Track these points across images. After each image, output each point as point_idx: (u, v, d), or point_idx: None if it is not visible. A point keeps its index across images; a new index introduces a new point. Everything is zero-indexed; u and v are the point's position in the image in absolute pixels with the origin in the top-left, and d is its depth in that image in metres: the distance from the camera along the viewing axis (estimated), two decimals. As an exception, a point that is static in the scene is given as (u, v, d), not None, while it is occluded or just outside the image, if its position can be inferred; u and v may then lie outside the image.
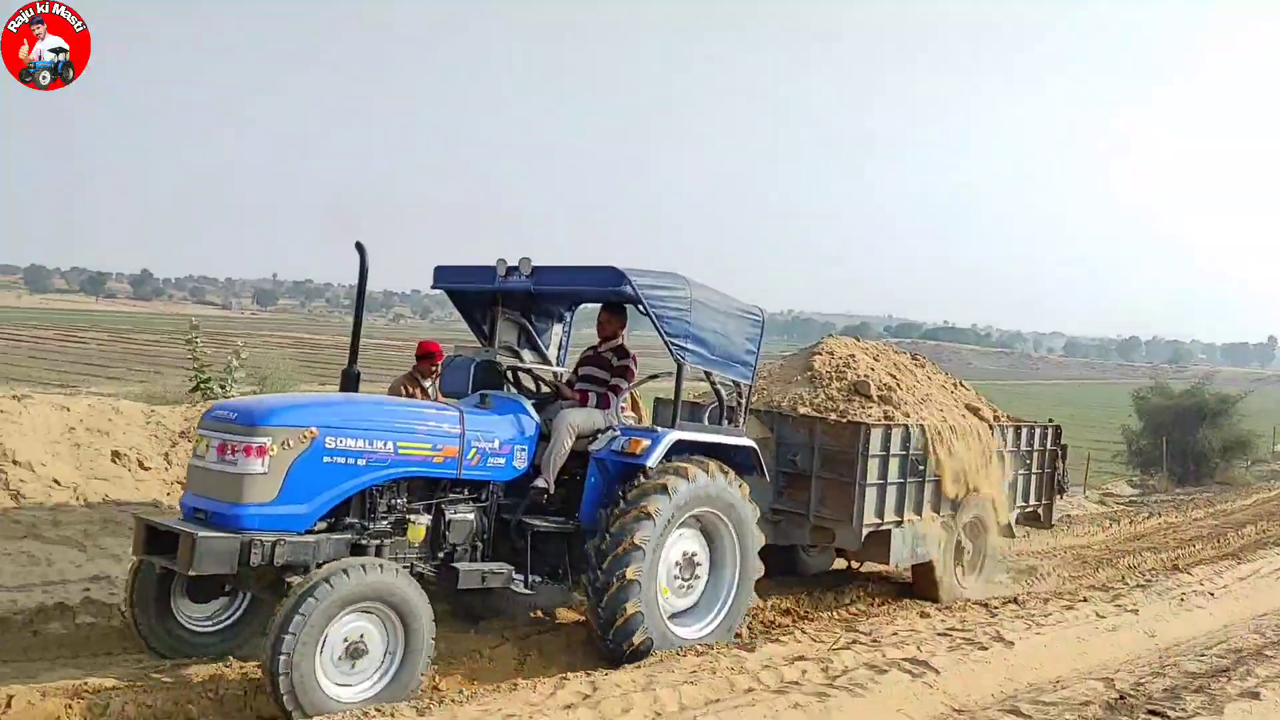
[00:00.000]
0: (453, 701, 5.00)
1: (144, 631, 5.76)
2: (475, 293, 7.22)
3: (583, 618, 6.76)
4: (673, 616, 6.53)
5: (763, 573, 6.98)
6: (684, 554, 6.57)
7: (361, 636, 5.05)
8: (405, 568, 5.59)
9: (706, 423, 7.14)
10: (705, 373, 6.98)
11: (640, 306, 6.44)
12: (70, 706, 4.88)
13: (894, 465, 8.27)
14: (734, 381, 7.17)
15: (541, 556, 6.38)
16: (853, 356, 9.30)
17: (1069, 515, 17.31)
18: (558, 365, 7.49)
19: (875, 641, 6.42)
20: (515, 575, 6.19)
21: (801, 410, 8.52)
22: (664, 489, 6.22)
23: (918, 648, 6.28)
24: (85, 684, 5.14)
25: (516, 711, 4.78)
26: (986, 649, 6.37)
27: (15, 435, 7.95)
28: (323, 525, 5.52)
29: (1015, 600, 8.18)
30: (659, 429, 6.65)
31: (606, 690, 5.14)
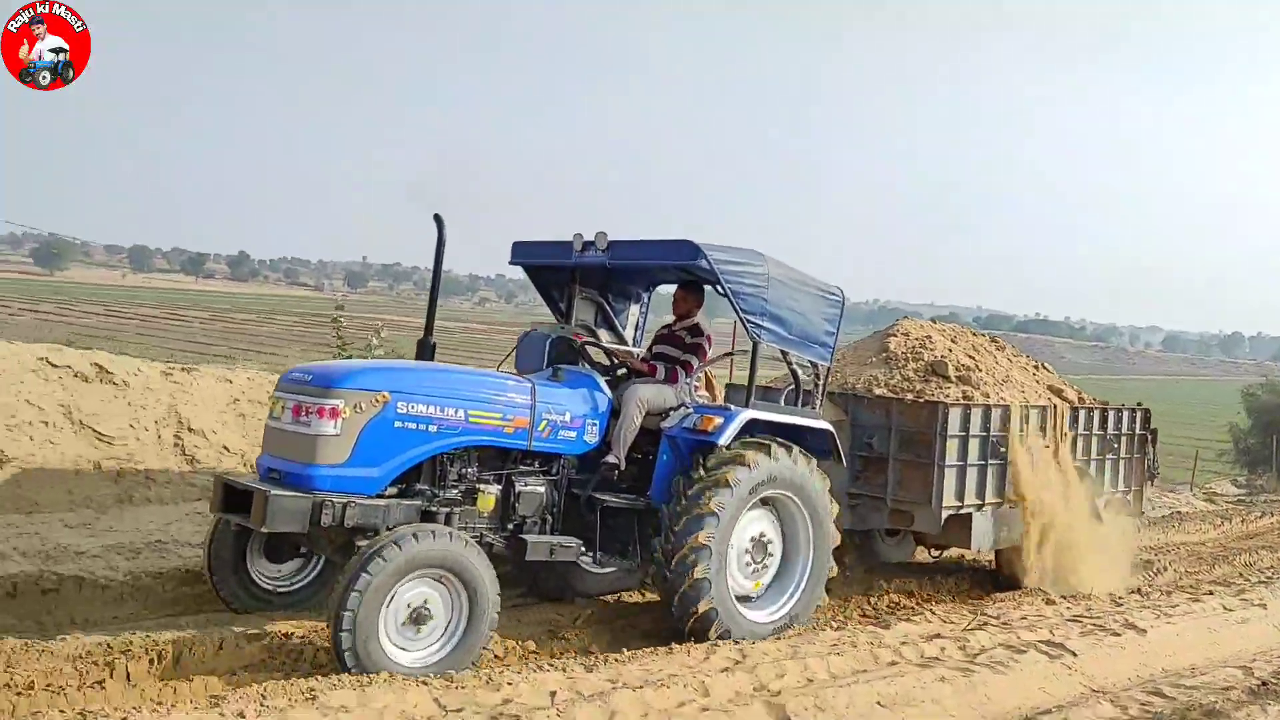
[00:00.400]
0: (616, 661, 5.44)
1: (219, 587, 5.98)
2: (552, 269, 7.25)
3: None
4: (742, 600, 6.46)
5: (835, 572, 6.88)
6: (756, 536, 6.52)
7: (426, 602, 5.10)
8: (474, 537, 5.64)
9: (783, 405, 7.03)
10: (781, 352, 6.89)
11: (719, 287, 6.41)
12: (272, 652, 5.33)
13: (974, 446, 8.12)
14: (811, 363, 7.07)
15: (612, 533, 6.37)
16: (929, 337, 9.15)
17: (1179, 512, 17.04)
18: (633, 346, 7.51)
19: (1006, 624, 6.61)
20: (584, 551, 6.22)
21: (877, 391, 8.40)
22: (743, 462, 6.18)
23: (1050, 631, 6.42)
24: (279, 631, 5.57)
25: (677, 672, 5.15)
26: (1120, 635, 6.50)
27: (189, 404, 8.53)
28: (393, 491, 5.61)
29: (1139, 591, 8.22)
30: (733, 407, 6.57)
31: (756, 657, 5.51)
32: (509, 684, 4.71)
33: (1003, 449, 8.40)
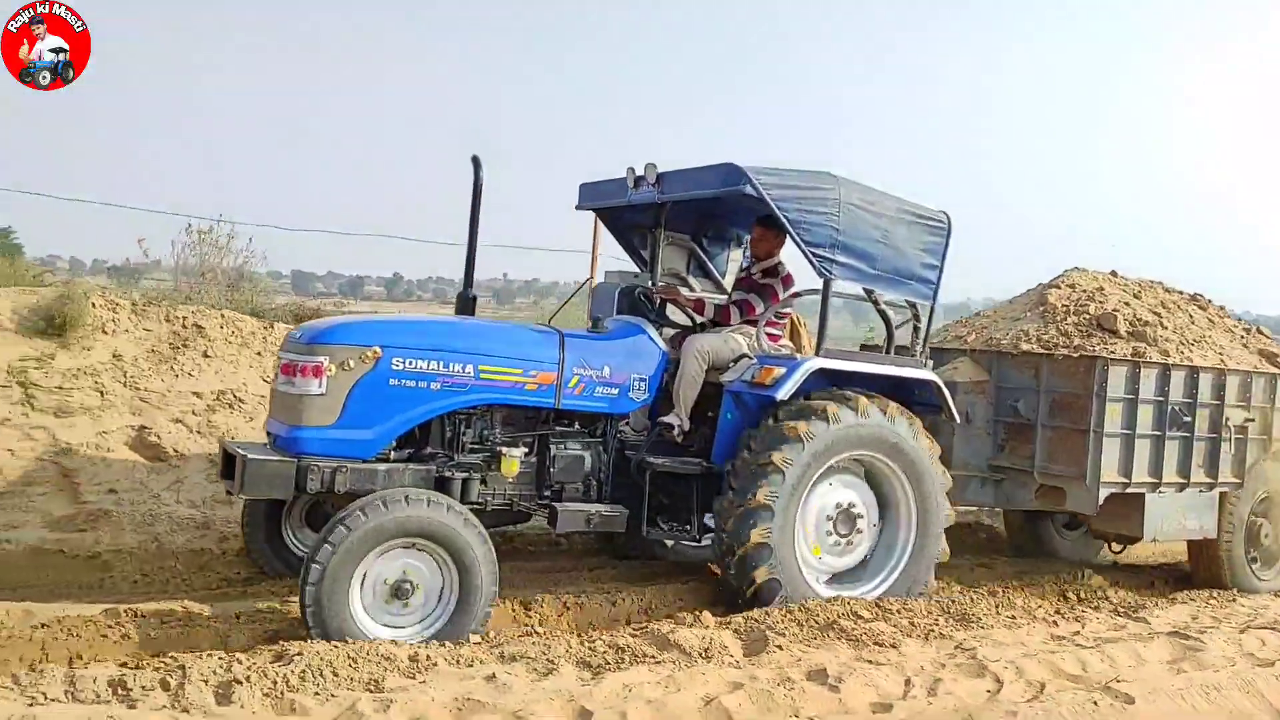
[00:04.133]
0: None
1: (252, 553, 5.78)
2: (628, 213, 6.60)
3: None
4: (831, 579, 5.69)
5: (951, 521, 5.96)
6: (839, 505, 5.65)
7: (408, 575, 4.60)
8: (503, 504, 5.21)
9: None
10: (865, 291, 5.91)
11: (775, 214, 5.54)
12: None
13: (1146, 413, 6.76)
14: (909, 303, 6.05)
15: (672, 502, 5.70)
16: (1100, 290, 7.70)
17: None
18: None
19: None
20: (641, 521, 5.56)
21: (1024, 346, 7.12)
22: (796, 435, 5.32)
23: None
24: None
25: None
26: None
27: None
28: (404, 454, 5.16)
29: None
30: (799, 356, 5.71)
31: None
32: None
33: (1187, 418, 6.95)
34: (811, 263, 5.60)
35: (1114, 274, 8.22)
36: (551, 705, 3.70)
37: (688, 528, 5.72)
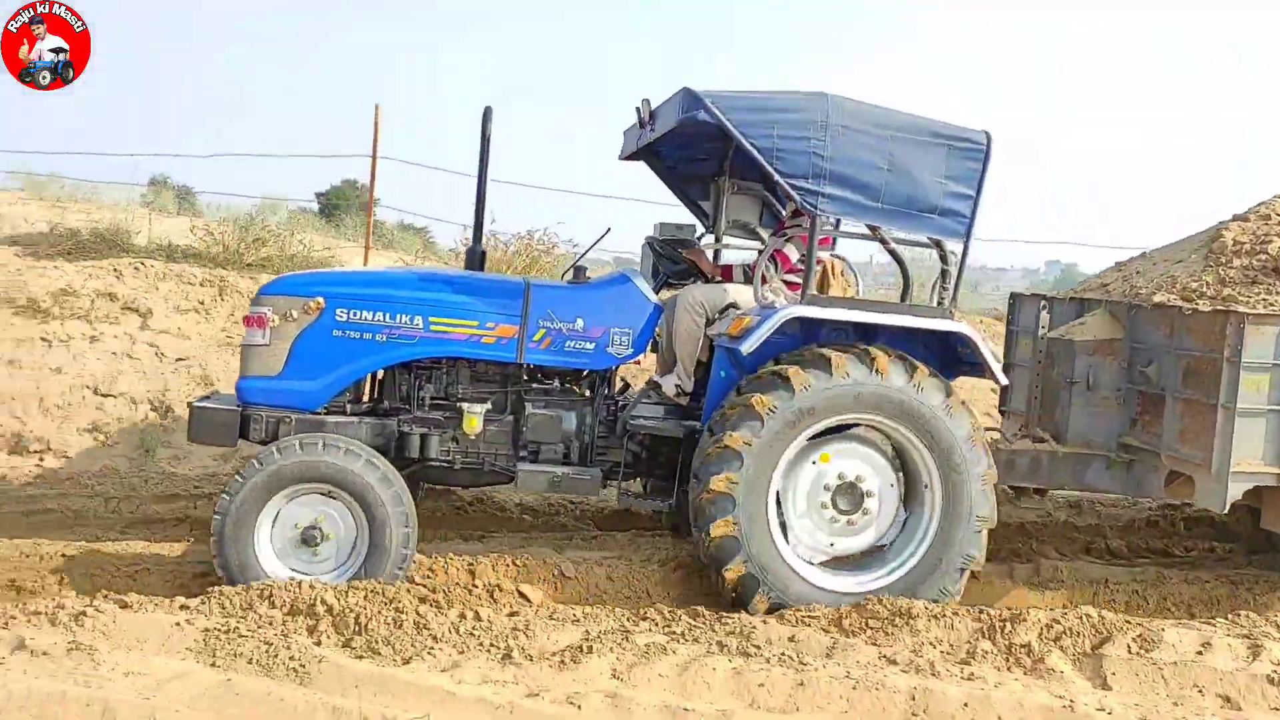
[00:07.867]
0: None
1: None
2: (683, 163, 6.12)
3: None
4: (827, 562, 5.06)
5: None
6: (841, 477, 4.97)
7: (316, 522, 4.69)
8: (473, 463, 5.14)
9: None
10: (870, 228, 5.09)
11: (738, 141, 4.85)
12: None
13: None
14: (933, 242, 5.16)
15: (663, 467, 5.34)
16: None
17: None
18: None
19: None
20: (609, 484, 5.29)
21: (1157, 297, 5.70)
22: (782, 381, 4.73)
23: None
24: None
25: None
26: None
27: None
28: (365, 408, 5.22)
29: None
30: (782, 304, 5.02)
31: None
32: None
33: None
34: (792, 196, 4.92)
35: None
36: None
37: (657, 494, 5.42)
